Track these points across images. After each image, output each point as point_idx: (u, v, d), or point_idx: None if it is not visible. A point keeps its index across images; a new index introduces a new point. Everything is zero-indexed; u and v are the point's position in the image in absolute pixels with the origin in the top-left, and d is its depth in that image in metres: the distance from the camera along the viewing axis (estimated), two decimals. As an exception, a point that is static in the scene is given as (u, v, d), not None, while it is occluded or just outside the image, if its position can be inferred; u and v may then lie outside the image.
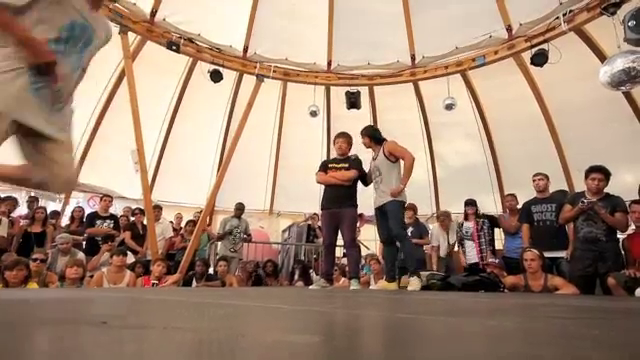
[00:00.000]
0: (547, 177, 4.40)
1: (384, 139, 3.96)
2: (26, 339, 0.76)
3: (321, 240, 7.22)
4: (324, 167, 4.17)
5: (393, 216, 3.68)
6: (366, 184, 4.08)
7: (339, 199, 3.89)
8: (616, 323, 1.36)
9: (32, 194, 6.22)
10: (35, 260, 3.96)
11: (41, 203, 6.38)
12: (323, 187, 4.18)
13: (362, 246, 5.97)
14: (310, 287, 4.31)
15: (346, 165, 4.00)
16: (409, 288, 3.56)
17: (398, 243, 3.84)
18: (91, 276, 4.38)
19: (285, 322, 1.21)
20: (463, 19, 6.14)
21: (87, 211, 6.13)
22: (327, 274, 4.02)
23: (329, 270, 4.07)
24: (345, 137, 4.12)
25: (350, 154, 4.14)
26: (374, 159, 3.95)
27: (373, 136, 3.97)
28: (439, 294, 3.16)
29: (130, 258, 4.94)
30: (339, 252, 5.67)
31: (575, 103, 6.38)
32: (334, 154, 4.41)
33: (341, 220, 3.86)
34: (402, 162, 3.80)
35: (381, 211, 3.82)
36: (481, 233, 5.10)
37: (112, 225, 5.59)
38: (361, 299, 2.36)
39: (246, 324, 1.11)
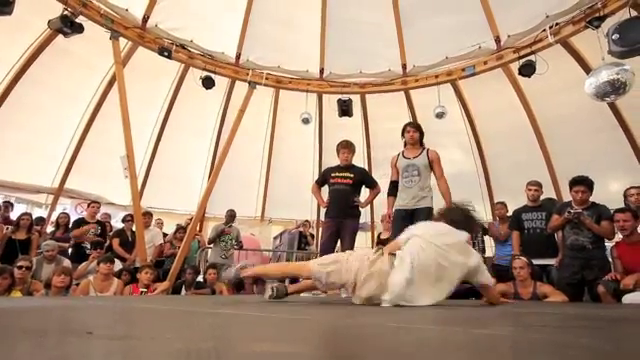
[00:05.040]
0: (541, 186, 4.46)
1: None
2: (8, 350, 0.74)
3: (312, 247, 7.22)
4: (325, 176, 4.17)
5: None
6: (397, 188, 3.86)
7: (345, 208, 3.89)
8: (603, 331, 1.37)
9: (6, 199, 6.10)
10: (20, 267, 3.86)
11: (28, 209, 6.26)
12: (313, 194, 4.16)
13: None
14: (301, 295, 4.28)
15: (350, 175, 4.01)
16: None
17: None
18: (77, 284, 4.29)
19: (275, 331, 1.20)
20: (453, 30, 6.26)
21: (74, 217, 6.02)
22: None
23: None
24: (350, 147, 4.14)
25: (354, 163, 4.18)
26: (412, 157, 3.79)
27: (423, 135, 3.90)
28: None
29: (118, 265, 4.86)
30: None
31: (562, 113, 6.52)
32: (327, 161, 4.45)
33: (343, 229, 3.86)
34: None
35: (408, 213, 3.61)
36: (475, 241, 5.17)
37: (99, 231, 5.52)
38: (352, 307, 2.35)
39: (235, 334, 1.10)
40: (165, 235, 6.52)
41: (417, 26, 6.50)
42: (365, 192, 4.30)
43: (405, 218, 3.58)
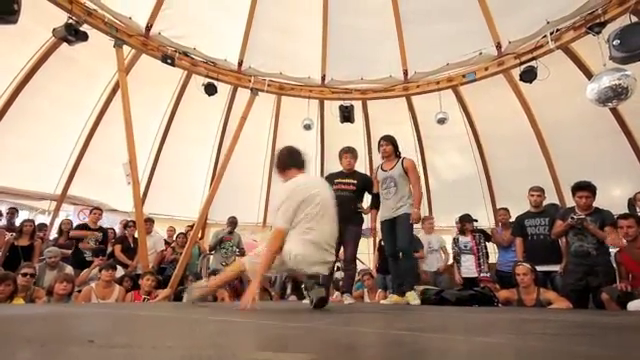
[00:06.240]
0: (543, 192, 4.44)
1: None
2: (10, 358, 0.74)
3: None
4: (329, 181, 4.19)
5: (405, 229, 3.66)
6: (379, 200, 4.00)
7: (346, 215, 3.90)
8: (607, 339, 1.36)
9: (12, 206, 6.12)
10: (25, 275, 3.86)
11: (31, 216, 6.29)
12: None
13: (359, 262, 5.94)
14: (303, 302, 4.26)
15: (353, 181, 4.03)
16: (412, 302, 3.55)
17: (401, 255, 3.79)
18: (79, 291, 4.28)
19: (277, 339, 1.20)
20: (454, 36, 6.28)
21: (76, 224, 6.03)
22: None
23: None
24: (353, 153, 4.17)
25: (355, 169, 4.21)
26: (388, 169, 3.89)
27: (397, 147, 3.99)
28: (433, 309, 3.14)
29: (119, 272, 4.86)
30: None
31: (563, 118, 6.52)
32: (329, 167, 4.45)
33: (346, 234, 3.84)
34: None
35: (391, 223, 3.75)
36: (479, 247, 5.15)
37: (100, 238, 5.53)
38: (355, 314, 2.34)
39: (237, 341, 1.10)
40: (173, 242, 6.53)
41: (418, 32, 6.53)
42: (367, 197, 4.29)
43: (390, 227, 3.79)
